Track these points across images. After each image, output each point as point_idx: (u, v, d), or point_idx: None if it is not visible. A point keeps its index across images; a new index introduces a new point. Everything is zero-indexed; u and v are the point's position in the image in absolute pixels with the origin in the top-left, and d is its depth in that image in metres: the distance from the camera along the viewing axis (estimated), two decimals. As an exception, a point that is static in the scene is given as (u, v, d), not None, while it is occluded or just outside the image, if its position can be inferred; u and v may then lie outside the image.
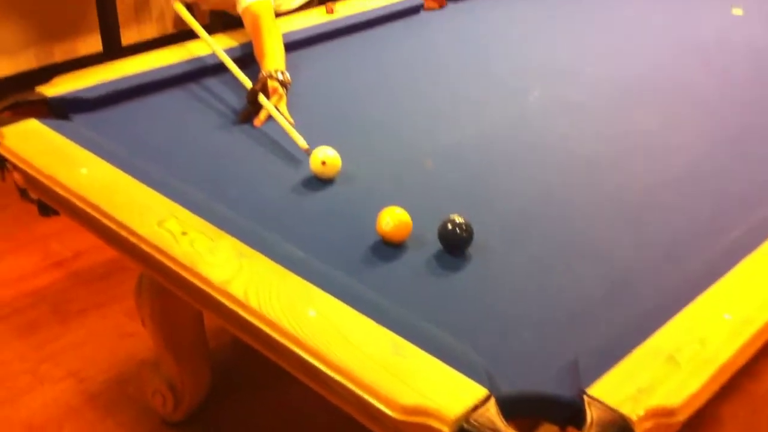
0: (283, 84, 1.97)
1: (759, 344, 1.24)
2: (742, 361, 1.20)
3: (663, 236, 1.53)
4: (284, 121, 1.84)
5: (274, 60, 2.04)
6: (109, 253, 2.73)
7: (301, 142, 1.77)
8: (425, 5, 2.58)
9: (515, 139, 1.89)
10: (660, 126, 1.96)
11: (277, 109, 1.90)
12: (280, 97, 1.95)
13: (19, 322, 2.45)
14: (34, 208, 1.86)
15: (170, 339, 1.96)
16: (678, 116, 2.00)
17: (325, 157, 1.68)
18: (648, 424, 1.06)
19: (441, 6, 2.61)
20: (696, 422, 2.08)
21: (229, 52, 2.15)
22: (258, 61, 2.08)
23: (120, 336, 2.40)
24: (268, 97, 1.93)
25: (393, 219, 1.47)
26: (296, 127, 1.85)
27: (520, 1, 2.71)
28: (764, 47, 2.41)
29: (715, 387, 1.14)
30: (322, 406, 2.10)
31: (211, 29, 2.19)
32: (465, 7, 2.62)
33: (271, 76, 1.96)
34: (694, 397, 1.10)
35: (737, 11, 2.63)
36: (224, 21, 2.50)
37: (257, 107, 1.92)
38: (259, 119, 1.91)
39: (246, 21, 2.20)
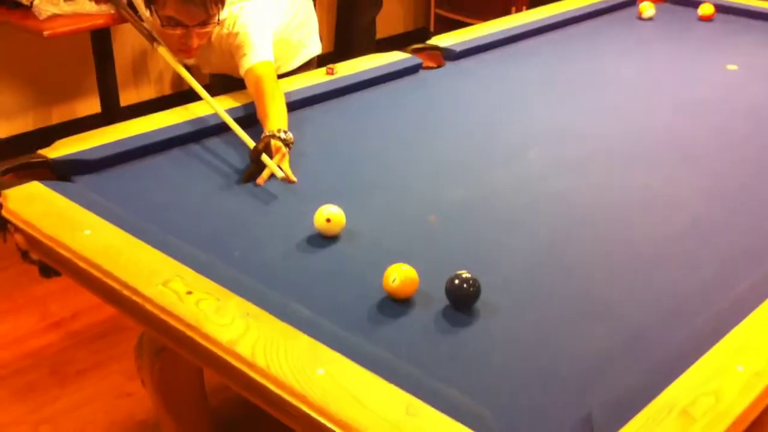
0: (286, 143, 1.99)
1: (772, 397, 1.23)
2: (755, 414, 1.19)
3: (670, 291, 1.53)
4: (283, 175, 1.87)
5: (277, 120, 2.06)
6: (107, 312, 2.73)
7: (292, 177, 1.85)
8: (423, 65, 2.61)
9: (517, 197, 1.89)
10: (660, 183, 1.97)
11: (280, 168, 1.91)
12: (283, 155, 1.96)
13: (18, 383, 2.43)
14: (33, 270, 1.85)
15: (170, 399, 1.93)
16: (677, 173, 2.02)
17: (330, 214, 1.68)
18: (665, 481, 1.05)
19: (439, 65, 2.64)
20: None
21: (231, 112, 2.17)
22: (261, 121, 2.10)
23: (119, 396, 2.37)
24: (271, 156, 1.94)
25: (400, 275, 1.47)
26: (299, 185, 1.86)
27: (517, 61, 2.75)
28: (760, 104, 2.43)
29: (731, 441, 1.13)
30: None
31: (212, 91, 2.21)
32: (462, 67, 2.65)
33: (274, 136, 1.98)
34: (711, 452, 1.09)
35: (732, 67, 2.67)
36: (224, 83, 2.52)
37: (260, 166, 1.93)
38: (262, 178, 1.92)
39: (248, 82, 2.22)
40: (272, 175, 1.91)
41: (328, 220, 1.68)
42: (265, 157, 1.92)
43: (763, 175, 2.00)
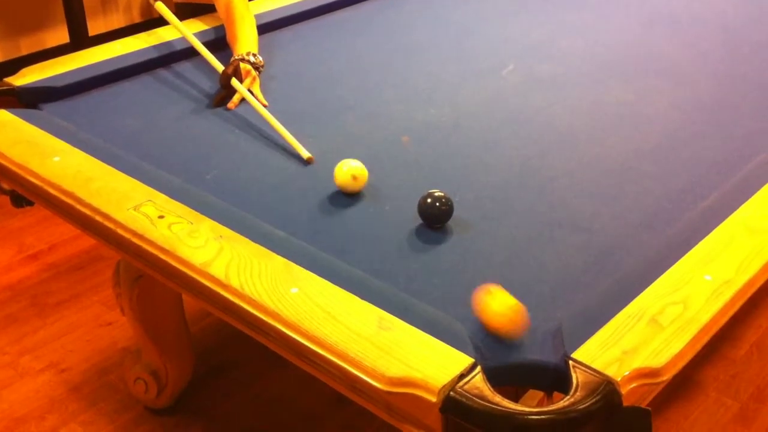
0: (255, 67, 1.96)
1: (739, 304, 1.25)
2: (723, 322, 1.21)
3: (641, 204, 1.54)
4: (281, 127, 1.78)
5: (247, 43, 2.03)
6: (85, 243, 2.73)
7: (304, 152, 1.69)
8: (394, -16, 2.57)
9: (491, 115, 1.89)
10: (634, 97, 1.97)
11: (251, 92, 1.89)
12: (254, 79, 1.94)
13: (-3, 316, 2.44)
14: (7, 203, 1.84)
15: (150, 326, 1.94)
16: (651, 87, 2.01)
17: (355, 171, 1.56)
18: (633, 385, 1.07)
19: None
20: (679, 387, 2.12)
21: (200, 36, 2.13)
22: (230, 45, 2.07)
23: (99, 325, 2.38)
24: (241, 80, 1.92)
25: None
26: (270, 110, 1.84)
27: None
28: (731, 17, 2.42)
29: (698, 347, 1.16)
30: (305, 390, 2.13)
31: (180, 18, 2.17)
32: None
33: (243, 59, 1.95)
34: (678, 357, 1.11)
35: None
36: (194, 9, 2.48)
37: (231, 91, 1.91)
38: (233, 102, 1.90)
39: (219, 6, 2.18)
40: (243, 100, 1.89)
41: (354, 178, 1.56)
42: (234, 82, 1.90)
43: (733, 87, 2.00)
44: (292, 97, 1.97)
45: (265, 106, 1.87)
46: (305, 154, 1.68)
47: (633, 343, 1.12)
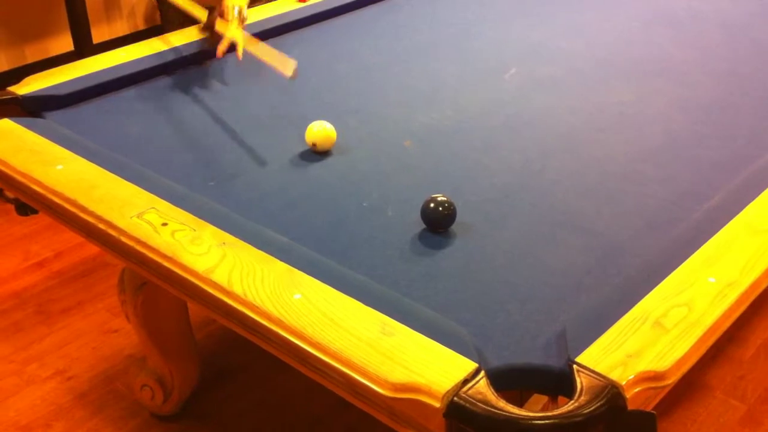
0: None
1: (743, 306, 1.24)
2: (728, 324, 1.21)
3: (644, 205, 1.53)
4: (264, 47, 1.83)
5: None
6: (90, 251, 2.73)
7: (287, 69, 1.78)
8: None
9: (493, 117, 1.88)
10: (635, 98, 1.96)
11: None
12: (241, 21, 1.95)
13: (3, 323, 2.44)
14: (12, 210, 1.84)
15: (155, 332, 1.95)
16: (653, 88, 2.01)
17: (314, 139, 1.71)
18: (637, 389, 1.06)
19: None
20: (685, 388, 2.11)
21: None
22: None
23: (105, 333, 2.39)
24: (224, 17, 1.92)
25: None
26: (274, 113, 1.84)
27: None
28: (731, 16, 2.42)
29: (703, 350, 1.15)
30: (310, 394, 2.13)
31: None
32: (436, -11, 2.62)
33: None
34: (682, 360, 1.11)
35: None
36: None
37: (216, 37, 1.92)
38: (220, 50, 1.92)
39: None
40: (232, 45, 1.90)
41: (314, 144, 1.71)
42: (219, 23, 1.90)
43: (735, 87, 2.00)
44: (295, 100, 1.97)
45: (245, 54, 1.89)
46: (288, 71, 1.75)
47: (637, 346, 1.12)
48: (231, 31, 1.86)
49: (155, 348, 1.96)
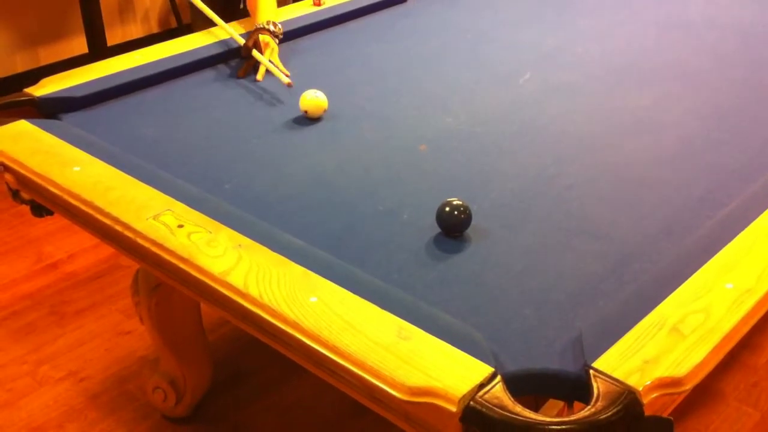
0: (275, 35, 2.05)
1: (761, 313, 1.24)
2: (744, 330, 1.20)
3: (660, 211, 1.53)
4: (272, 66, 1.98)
5: (266, 12, 2.14)
6: (103, 252, 2.74)
7: (284, 78, 1.93)
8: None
9: (508, 122, 1.88)
10: (651, 104, 1.96)
11: (273, 64, 2.01)
12: (273, 50, 2.04)
13: (17, 324, 2.45)
14: (27, 212, 1.85)
15: (168, 334, 1.95)
16: (668, 94, 2.00)
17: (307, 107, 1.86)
18: (654, 395, 1.06)
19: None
20: (699, 395, 2.11)
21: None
22: (250, 12, 2.17)
23: (118, 334, 2.39)
24: (261, 52, 2.00)
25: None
26: (287, 115, 1.85)
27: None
28: (748, 22, 2.41)
29: (720, 356, 1.15)
30: (322, 398, 2.13)
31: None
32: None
33: (263, 29, 2.05)
34: (700, 366, 1.10)
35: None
36: None
37: (253, 62, 2.03)
38: (261, 74, 2.04)
39: None
40: (268, 71, 2.03)
41: (306, 112, 1.87)
42: (255, 53, 1.96)
43: (752, 93, 1.99)
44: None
45: (287, 75, 2.00)
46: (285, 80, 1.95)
47: (654, 352, 1.12)
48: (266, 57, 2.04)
49: (168, 350, 1.96)
